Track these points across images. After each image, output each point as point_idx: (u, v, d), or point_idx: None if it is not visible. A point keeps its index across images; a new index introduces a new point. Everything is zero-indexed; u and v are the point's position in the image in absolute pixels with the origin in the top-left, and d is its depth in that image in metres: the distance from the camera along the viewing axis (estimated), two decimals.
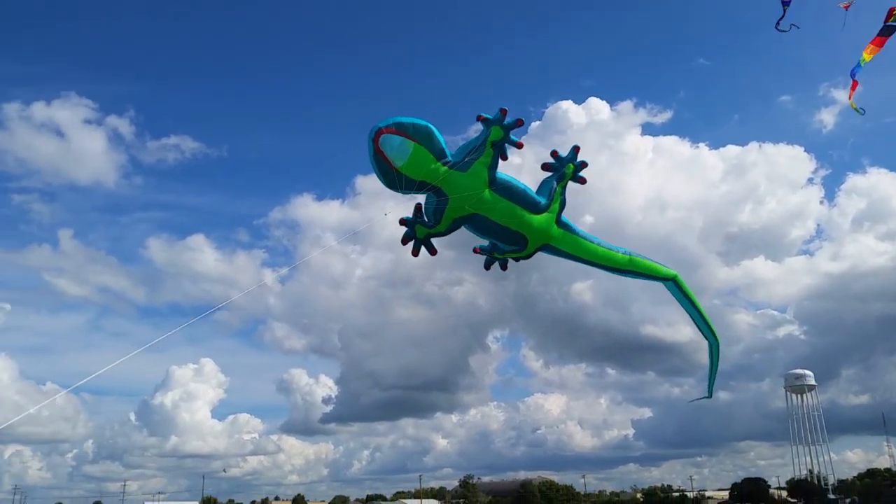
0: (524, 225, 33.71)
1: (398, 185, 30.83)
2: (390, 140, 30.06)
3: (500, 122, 31.28)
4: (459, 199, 31.46)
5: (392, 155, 30.07)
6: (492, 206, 32.49)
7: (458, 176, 31.24)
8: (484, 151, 31.62)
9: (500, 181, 32.48)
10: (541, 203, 33.80)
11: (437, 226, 32.02)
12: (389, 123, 30.36)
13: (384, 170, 30.51)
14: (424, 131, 30.60)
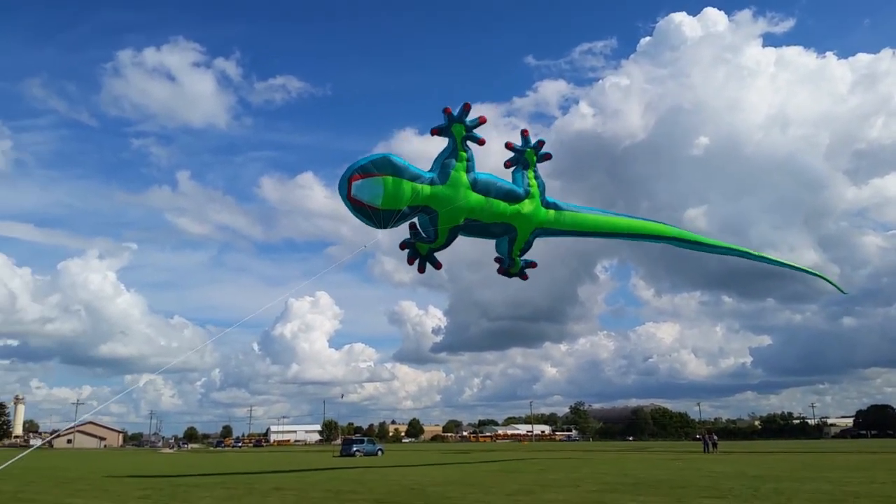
0: (513, 216, 35.26)
1: (389, 222, 31.75)
2: (360, 186, 30.70)
3: (462, 118, 32.50)
4: (449, 210, 32.74)
5: (369, 198, 30.68)
6: (480, 209, 33.90)
7: (441, 189, 32.44)
8: (458, 156, 32.93)
9: (481, 182, 33.92)
10: (520, 191, 35.42)
11: (438, 241, 33.49)
12: (352, 172, 30.91)
13: (369, 215, 31.29)
14: (383, 162, 31.17)
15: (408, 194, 30.63)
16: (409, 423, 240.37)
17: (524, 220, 35.38)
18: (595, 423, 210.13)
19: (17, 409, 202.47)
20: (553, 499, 20.10)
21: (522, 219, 35.24)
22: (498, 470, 36.79)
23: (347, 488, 25.31)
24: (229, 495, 23.16)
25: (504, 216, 34.50)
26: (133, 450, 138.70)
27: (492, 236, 36.27)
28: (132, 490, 25.74)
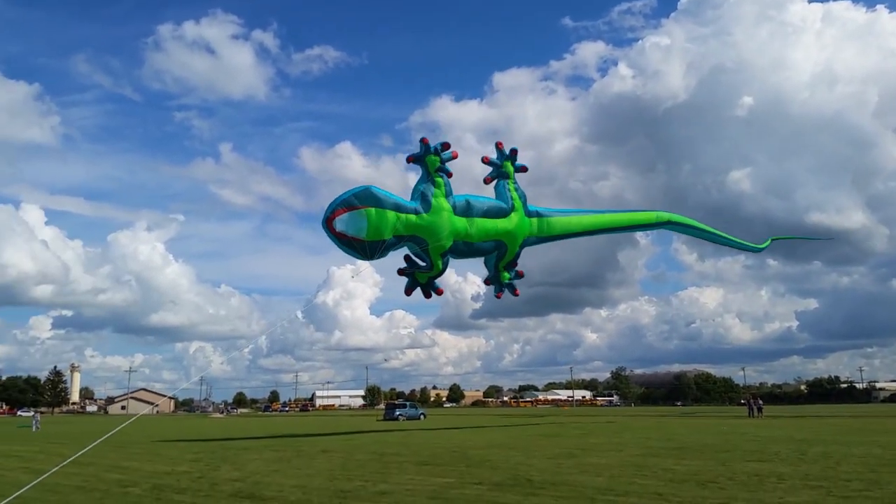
0: (501, 233, 35.48)
1: (375, 252, 31.78)
2: (345, 220, 30.64)
3: (431, 152, 33.02)
4: (437, 238, 32.78)
5: (354, 231, 30.68)
6: (467, 231, 34.03)
7: (425, 218, 32.47)
8: (434, 182, 33.14)
9: (463, 204, 34.05)
10: (505, 206, 35.76)
11: (435, 268, 33.58)
12: (335, 207, 30.92)
13: (355, 247, 31.24)
14: (365, 194, 31.18)
15: (392, 224, 30.91)
16: (449, 388, 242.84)
17: (512, 235, 35.88)
18: (636, 388, 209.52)
19: (74, 376, 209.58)
20: (595, 462, 20.25)
21: (510, 235, 35.74)
22: (539, 434, 37.10)
23: (392, 451, 25.84)
24: (278, 457, 23.85)
25: (492, 234, 34.96)
26: (184, 415, 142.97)
27: (482, 255, 36.59)
28: (184, 453, 26.65)
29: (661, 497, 13.26)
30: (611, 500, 12.85)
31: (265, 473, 18.56)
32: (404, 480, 16.37)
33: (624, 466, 18.91)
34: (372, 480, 16.47)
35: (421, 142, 33.19)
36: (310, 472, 18.81)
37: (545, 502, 12.61)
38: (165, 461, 23.05)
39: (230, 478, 17.68)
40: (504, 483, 15.46)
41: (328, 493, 14.51)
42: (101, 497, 14.31)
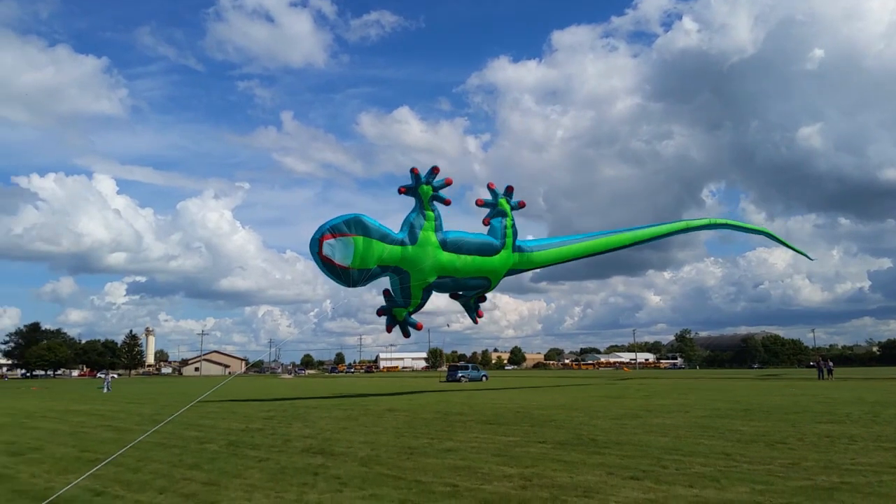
0: (487, 270, 35.66)
1: (358, 281, 31.91)
2: (332, 246, 30.81)
3: (429, 180, 33.15)
4: (420, 271, 32.91)
5: (340, 258, 30.83)
6: (452, 266, 34.17)
7: (411, 250, 32.69)
8: (425, 215, 33.31)
9: (451, 241, 34.11)
10: (496, 244, 35.93)
11: (412, 302, 33.93)
12: (324, 231, 31.07)
13: (338, 274, 31.37)
14: (355, 222, 31.35)
15: (378, 254, 31.30)
16: (510, 351, 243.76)
17: (496, 272, 36.48)
18: (701, 351, 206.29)
19: (149, 340, 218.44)
20: (661, 423, 20.19)
21: (495, 272, 36.31)
22: (603, 395, 37.07)
23: (455, 410, 26.27)
24: (346, 415, 24.55)
25: (480, 271, 35.33)
26: (255, 376, 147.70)
27: (469, 290, 37.07)
28: (257, 412, 27.67)
29: (728, 457, 13.20)
30: (677, 459, 12.86)
31: (334, 430, 19.17)
32: (469, 438, 16.68)
33: (690, 427, 18.82)
34: (438, 438, 16.85)
35: (411, 172, 33.39)
36: (377, 429, 19.35)
37: (610, 461, 12.70)
38: (240, 419, 23.98)
39: (301, 434, 18.35)
40: (568, 442, 15.61)
41: (396, 449, 14.92)
42: (180, 453, 15.03)
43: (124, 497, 10.06)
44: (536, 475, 11.29)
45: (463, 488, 10.29)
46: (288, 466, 12.76)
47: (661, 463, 12.43)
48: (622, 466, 12.05)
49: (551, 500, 9.38)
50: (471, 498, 9.59)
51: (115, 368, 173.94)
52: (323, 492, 10.27)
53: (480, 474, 11.48)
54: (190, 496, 10.09)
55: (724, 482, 10.59)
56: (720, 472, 11.43)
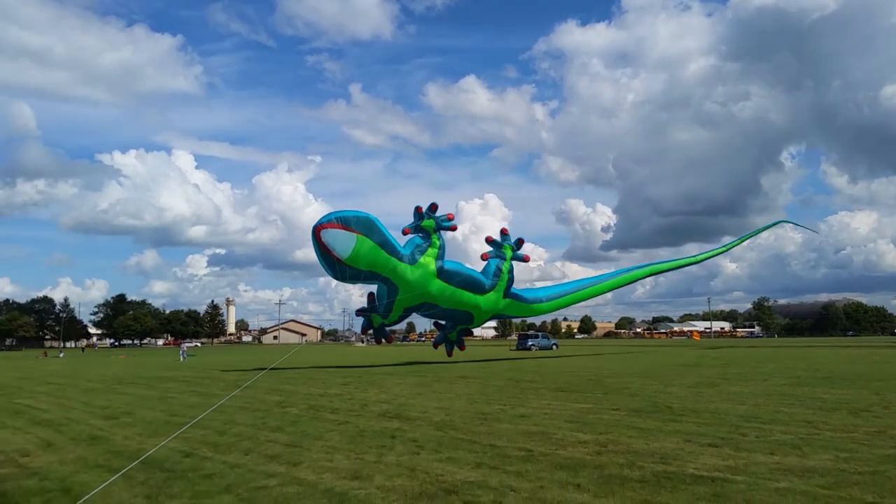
0: (471, 306, 35.30)
1: (345, 276, 31.87)
2: (334, 234, 30.73)
3: (431, 216, 33.58)
4: (408, 290, 32.72)
5: (337, 249, 30.76)
6: (440, 295, 33.98)
7: (406, 269, 32.55)
8: (431, 242, 33.48)
9: (447, 271, 33.95)
10: (486, 283, 35.52)
11: (390, 315, 33.98)
12: (332, 218, 30.99)
13: (330, 262, 31.30)
14: (366, 223, 31.39)
15: (373, 259, 31.48)
16: (581, 319, 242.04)
17: (482, 311, 36.39)
18: (780, 319, 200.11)
19: (229, 310, 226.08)
20: (738, 391, 19.81)
21: (480, 310, 36.18)
22: (678, 363, 36.54)
23: (527, 378, 26.38)
24: (419, 382, 24.99)
25: (462, 304, 35.27)
26: (330, 344, 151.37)
27: (444, 318, 37.10)
28: (334, 378, 28.43)
29: (810, 424, 12.88)
30: (756, 427, 12.62)
31: (409, 396, 19.56)
32: (541, 405, 16.76)
33: (768, 395, 18.41)
34: (510, 404, 16.99)
35: (415, 211, 34.16)
36: (450, 395, 19.63)
37: (687, 428, 12.57)
38: (318, 384, 24.71)
39: (378, 399, 18.80)
40: (643, 409, 15.50)
41: (469, 414, 15.14)
42: (264, 416, 15.63)
43: (212, 458, 10.55)
44: (611, 441, 11.29)
45: (538, 453, 10.39)
46: (366, 430, 13.13)
47: (740, 430, 12.24)
48: (700, 434, 11.92)
49: (628, 465, 9.38)
50: (546, 462, 9.68)
51: (199, 337, 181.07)
52: (401, 454, 10.55)
53: (554, 440, 11.56)
54: (274, 457, 10.52)
55: (806, 450, 10.36)
56: (802, 440, 11.18)
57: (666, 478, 8.62)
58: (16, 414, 17.19)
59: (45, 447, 11.91)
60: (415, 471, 9.29)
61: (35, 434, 13.51)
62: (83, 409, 17.95)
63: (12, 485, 8.90)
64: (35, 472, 9.69)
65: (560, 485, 8.37)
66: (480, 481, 8.61)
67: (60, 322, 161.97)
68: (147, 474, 9.36)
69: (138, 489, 8.53)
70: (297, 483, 8.73)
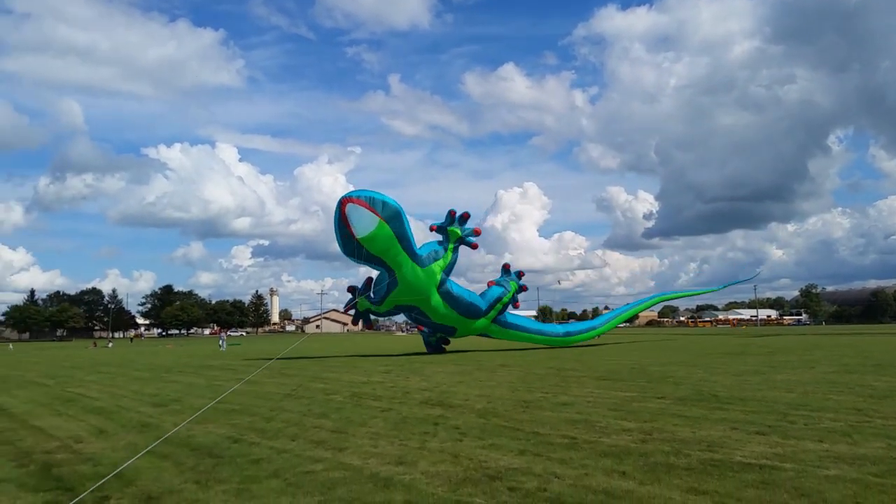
0: (458, 322, 35.53)
1: (356, 254, 31.56)
2: (358, 211, 30.51)
3: (461, 224, 33.79)
4: (407, 289, 32.70)
5: (356, 225, 30.63)
6: (433, 308, 34.00)
7: (415, 268, 32.45)
8: (447, 248, 33.76)
9: (448, 290, 34.06)
10: (481, 310, 35.74)
11: (379, 306, 33.81)
12: (362, 196, 30.78)
13: (345, 235, 31.25)
14: (392, 212, 31.16)
15: (386, 247, 31.51)
16: None
17: (468, 329, 36.59)
18: (828, 306, 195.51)
19: (273, 300, 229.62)
20: (785, 379, 19.44)
21: (466, 328, 36.40)
22: (723, 352, 36.00)
23: (568, 366, 26.25)
24: (460, 370, 25.06)
25: (449, 321, 35.46)
26: (371, 333, 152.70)
27: (431, 328, 37.03)
28: (376, 366, 28.68)
29: (860, 412, 12.59)
30: (805, 415, 12.39)
31: (450, 384, 19.64)
32: (584, 393, 16.68)
33: (817, 383, 18.04)
34: (552, 392, 16.95)
35: (448, 214, 34.49)
36: (491, 383, 19.66)
37: (733, 416, 12.39)
38: (361, 373, 24.97)
39: (419, 387, 18.92)
40: (688, 398, 15.32)
41: (511, 402, 15.14)
42: (309, 403, 15.86)
43: (259, 444, 10.74)
44: (656, 429, 11.19)
45: (581, 440, 10.36)
46: (409, 416, 13.23)
47: (788, 418, 12.02)
48: (746, 422, 11.74)
49: (674, 453, 9.29)
50: (590, 450, 9.64)
51: (243, 327, 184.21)
52: (444, 440, 10.61)
53: (598, 428, 11.50)
54: (320, 443, 10.67)
55: (856, 437, 10.14)
56: (852, 428, 10.94)
57: (713, 465, 8.53)
58: (68, 402, 17.71)
59: (98, 434, 12.27)
60: (458, 457, 9.34)
61: (87, 421, 13.92)
62: (133, 397, 18.43)
63: (67, 469, 9.19)
64: (89, 457, 9.99)
65: (605, 472, 8.34)
66: (524, 468, 8.63)
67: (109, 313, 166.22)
68: (196, 460, 9.59)
69: (188, 474, 8.73)
70: (342, 468, 8.85)
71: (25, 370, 32.76)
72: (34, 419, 14.44)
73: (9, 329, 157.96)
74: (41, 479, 8.79)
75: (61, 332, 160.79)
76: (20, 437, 12.18)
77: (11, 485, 8.50)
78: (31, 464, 9.71)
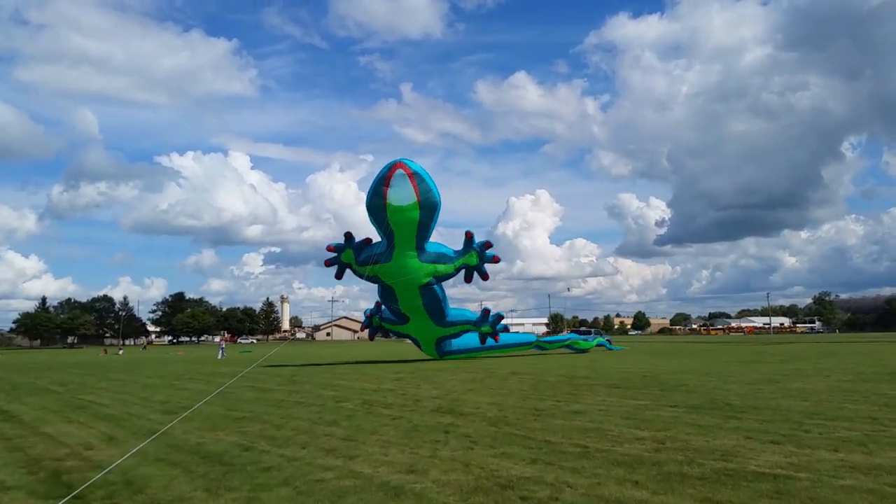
0: (416, 314, 35.10)
1: (375, 212, 31.37)
2: (403, 181, 30.27)
3: (480, 249, 33.14)
4: (394, 270, 32.44)
5: (393, 191, 30.41)
6: (407, 298, 33.85)
7: (413, 258, 32.45)
8: (448, 265, 33.32)
9: (431, 290, 33.70)
10: (446, 319, 35.71)
11: (361, 269, 33.60)
12: (415, 169, 30.48)
13: (377, 193, 30.90)
14: (431, 203, 31.12)
15: (403, 224, 31.27)
16: (634, 315, 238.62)
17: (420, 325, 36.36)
18: (841, 314, 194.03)
19: (284, 307, 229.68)
20: (800, 387, 19.25)
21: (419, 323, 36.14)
22: (736, 360, 35.73)
23: (580, 374, 26.11)
24: (472, 378, 24.96)
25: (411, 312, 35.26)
26: (382, 341, 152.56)
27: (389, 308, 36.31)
28: (387, 373, 28.62)
29: (875, 421, 12.44)
30: (819, 424, 12.24)
31: (461, 392, 19.55)
32: (596, 401, 16.56)
33: (831, 391, 17.85)
34: (564, 401, 16.84)
35: (465, 235, 34.10)
36: (503, 391, 19.56)
37: (747, 425, 12.26)
38: (371, 380, 24.92)
39: (430, 395, 18.84)
40: (701, 406, 15.18)
41: (523, 410, 15.05)
42: (319, 411, 15.82)
43: (270, 451, 10.71)
44: (669, 438, 11.08)
45: (594, 449, 10.26)
46: (420, 424, 13.17)
47: (803, 427, 11.88)
48: (761, 431, 11.61)
49: (687, 462, 9.19)
50: (602, 459, 9.55)
51: (254, 334, 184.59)
52: (455, 449, 10.54)
53: (611, 436, 11.40)
54: (330, 451, 10.63)
55: (871, 447, 10.00)
56: (867, 437, 10.80)
57: (726, 475, 8.42)
58: (79, 409, 17.75)
59: (108, 441, 12.27)
60: (469, 465, 9.27)
61: (98, 428, 13.93)
62: (143, 405, 18.45)
63: (77, 477, 9.18)
64: (98, 464, 9.98)
65: (617, 481, 8.25)
66: (536, 477, 8.55)
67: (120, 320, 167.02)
68: (206, 468, 9.56)
69: (198, 482, 8.71)
70: (353, 476, 8.80)
71: (37, 377, 32.89)
72: (44, 426, 14.47)
73: (20, 336, 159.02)
74: (51, 486, 8.79)
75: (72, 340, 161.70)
76: (30, 444, 12.19)
77: (21, 492, 8.50)
78: (40, 471, 9.71)
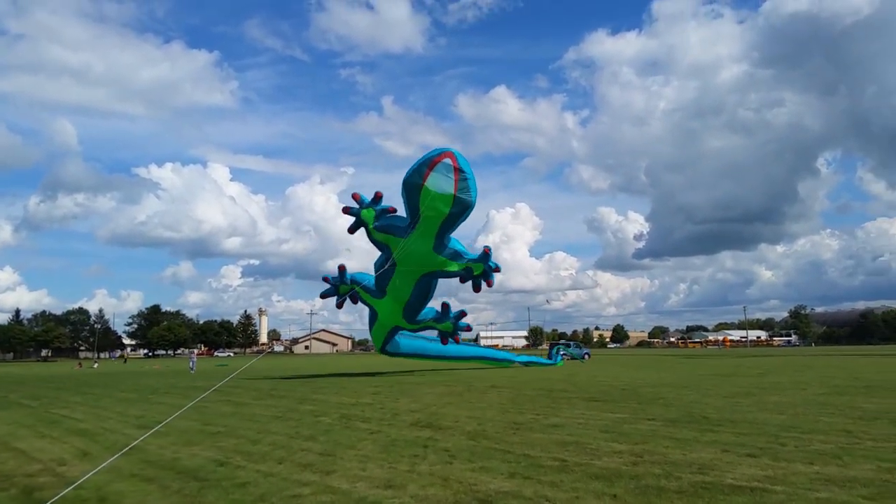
0: (395, 299, 35.45)
1: (410, 190, 31.80)
2: (447, 171, 30.63)
3: (485, 262, 33.11)
4: (406, 252, 32.81)
5: (433, 177, 30.69)
6: (401, 282, 34.32)
7: (428, 247, 32.87)
8: (454, 263, 33.45)
9: (427, 282, 34.56)
10: (426, 319, 36.52)
11: (374, 233, 34.42)
12: (461, 163, 30.88)
13: (418, 172, 31.18)
14: (465, 203, 31.53)
15: (431, 213, 31.52)
16: (613, 328, 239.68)
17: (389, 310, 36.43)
18: (817, 327, 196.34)
19: (262, 320, 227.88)
20: (777, 401, 19.41)
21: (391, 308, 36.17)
22: (713, 373, 35.97)
23: (559, 387, 26.13)
24: (450, 391, 24.88)
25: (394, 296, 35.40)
26: (361, 354, 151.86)
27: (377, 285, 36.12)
28: (366, 387, 28.44)
29: (850, 434, 12.56)
30: (795, 437, 12.34)
31: (440, 406, 19.48)
32: (575, 415, 16.57)
33: (807, 404, 18.02)
34: (543, 414, 16.83)
35: (483, 250, 33.98)
36: (482, 405, 19.51)
37: (724, 438, 12.33)
38: (350, 394, 24.75)
39: (409, 409, 18.75)
40: (679, 420, 15.25)
41: (502, 424, 15.02)
42: (296, 425, 15.67)
43: (245, 467, 10.58)
44: (647, 451, 11.11)
45: (572, 463, 10.26)
46: (398, 439, 13.09)
47: (779, 440, 11.97)
48: (737, 444, 11.68)
49: (665, 476, 9.21)
50: (581, 472, 9.55)
51: (231, 347, 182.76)
52: (434, 463, 10.48)
53: (589, 450, 11.40)
54: (307, 466, 10.52)
55: (846, 459, 10.10)
56: (842, 450, 10.90)
57: (704, 488, 8.45)
58: (52, 424, 17.45)
59: (82, 457, 12.06)
60: (448, 480, 9.22)
61: (71, 444, 13.69)
62: (118, 419, 18.17)
63: (49, 493, 9.00)
64: (71, 481, 9.79)
65: (596, 495, 8.24)
66: (515, 491, 8.52)
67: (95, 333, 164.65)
68: (181, 483, 9.42)
69: (173, 498, 8.58)
70: (330, 492, 8.71)
71: (9, 391, 32.31)
72: (16, 441, 14.20)
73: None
74: (22, 502, 8.62)
75: (46, 353, 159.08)
76: (1, 459, 11.95)
77: None
78: (11, 487, 9.53)
